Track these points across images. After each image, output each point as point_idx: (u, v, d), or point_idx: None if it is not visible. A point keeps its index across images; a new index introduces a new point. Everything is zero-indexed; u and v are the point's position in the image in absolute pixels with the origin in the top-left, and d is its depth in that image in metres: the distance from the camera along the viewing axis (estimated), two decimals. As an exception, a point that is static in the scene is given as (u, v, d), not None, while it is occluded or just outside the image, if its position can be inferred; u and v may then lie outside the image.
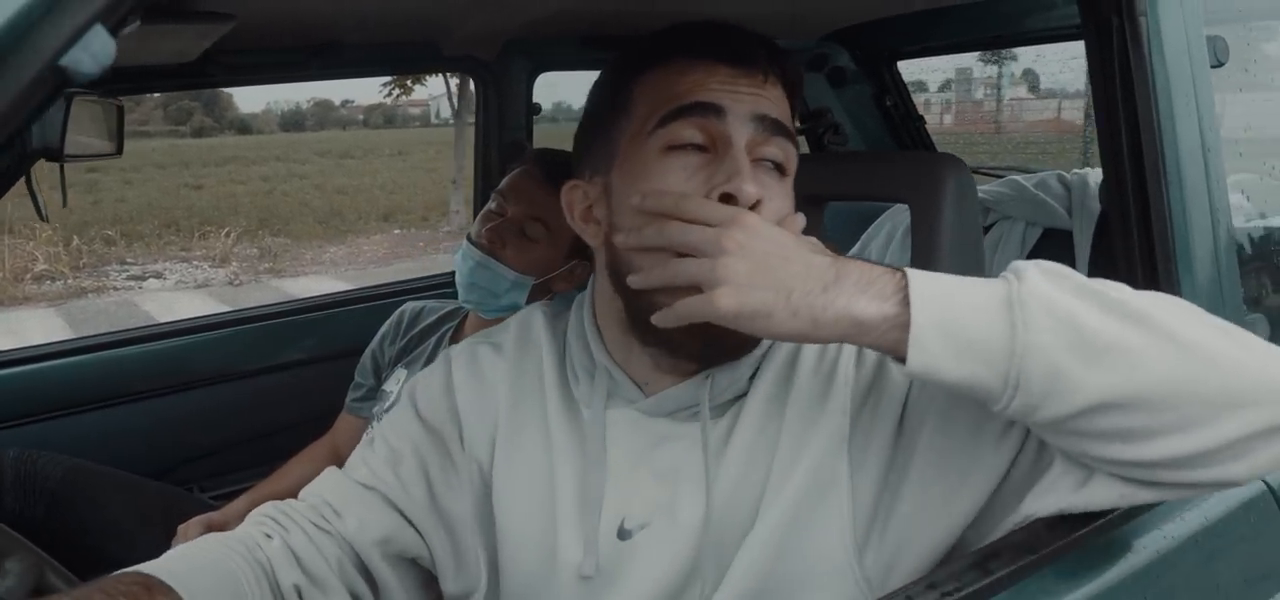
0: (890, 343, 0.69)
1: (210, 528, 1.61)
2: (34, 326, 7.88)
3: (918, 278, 0.69)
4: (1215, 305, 0.90)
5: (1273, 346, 0.71)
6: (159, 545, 1.60)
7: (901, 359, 0.68)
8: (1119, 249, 0.92)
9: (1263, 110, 1.08)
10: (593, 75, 0.96)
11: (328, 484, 0.94)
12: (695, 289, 0.73)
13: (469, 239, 1.65)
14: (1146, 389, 0.66)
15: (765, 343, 0.87)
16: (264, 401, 1.99)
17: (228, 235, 12.09)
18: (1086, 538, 0.72)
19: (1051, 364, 0.66)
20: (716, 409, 0.86)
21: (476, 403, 0.93)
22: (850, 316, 0.69)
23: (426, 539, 0.92)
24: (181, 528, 1.62)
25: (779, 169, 0.85)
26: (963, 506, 0.76)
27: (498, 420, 0.92)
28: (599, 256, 0.91)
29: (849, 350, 0.86)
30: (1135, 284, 0.89)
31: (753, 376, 0.87)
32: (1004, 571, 0.67)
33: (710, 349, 0.83)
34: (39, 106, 0.42)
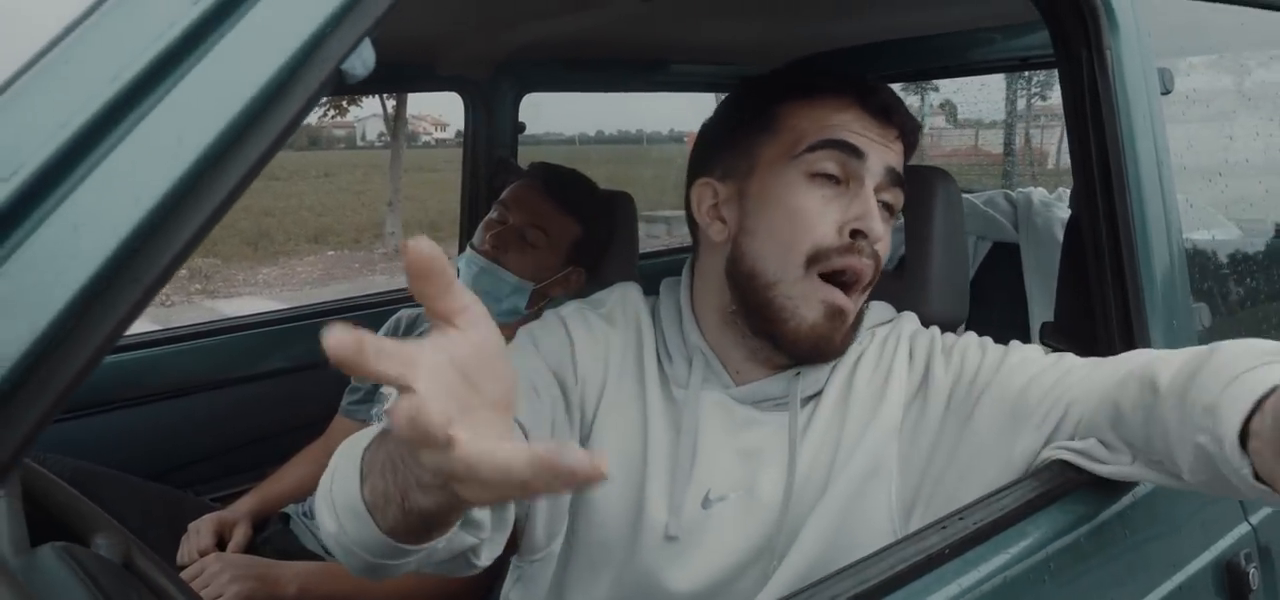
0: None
1: (220, 525, 1.67)
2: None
3: None
4: (1170, 296, 1.05)
5: None
6: (164, 545, 1.66)
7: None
8: (1089, 251, 1.07)
9: (1195, 140, 1.25)
10: (572, 97, 1.10)
11: None
12: None
13: (472, 246, 1.74)
14: None
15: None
16: (261, 406, 2.03)
17: (154, 256, 11.76)
18: (1084, 480, 0.86)
19: None
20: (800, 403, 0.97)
21: (590, 361, 1.00)
22: None
23: None
24: (192, 526, 1.67)
25: (890, 210, 0.99)
26: (1006, 478, 0.87)
27: (605, 382, 1.01)
28: (717, 250, 1.01)
29: (902, 355, 0.99)
30: (1104, 280, 1.05)
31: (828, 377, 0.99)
32: (1017, 504, 0.80)
33: (816, 353, 0.96)
34: (319, 101, 0.52)
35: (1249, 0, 1.26)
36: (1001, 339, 1.01)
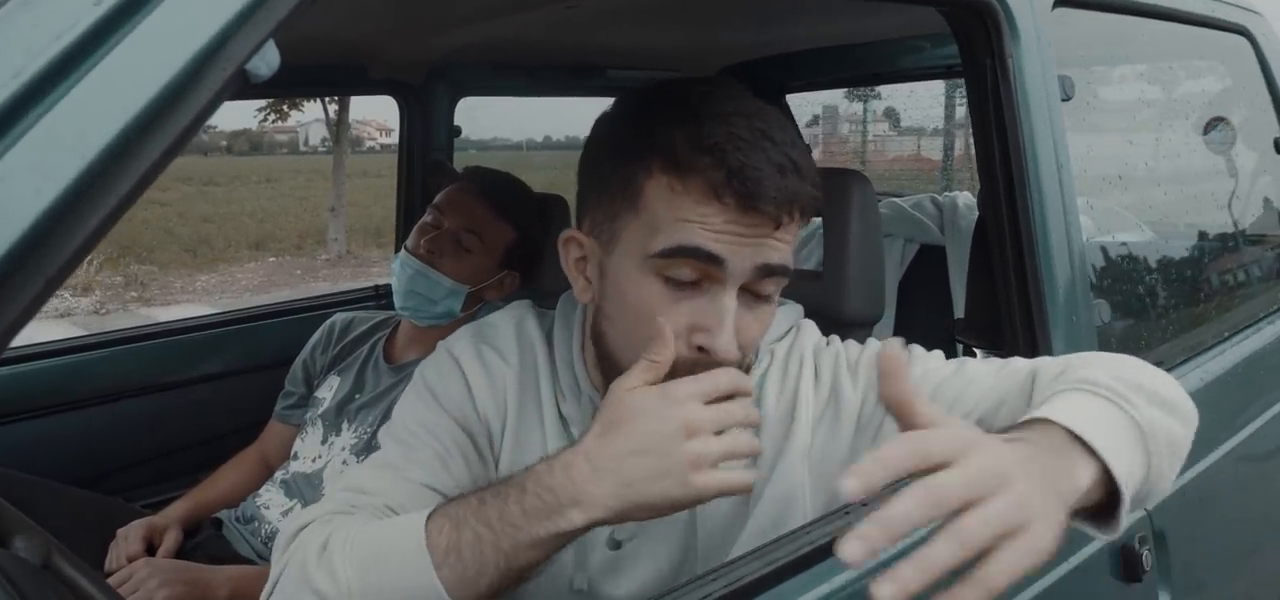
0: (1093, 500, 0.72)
1: (150, 531, 1.65)
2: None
3: (1090, 434, 0.71)
4: (1069, 293, 1.11)
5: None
6: (94, 552, 1.64)
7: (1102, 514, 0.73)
8: (994, 249, 1.12)
9: (1096, 145, 1.31)
10: (509, 102, 1.05)
11: (387, 484, 0.92)
12: None
13: (407, 249, 1.75)
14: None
15: None
16: (194, 411, 2.01)
17: (89, 263, 11.51)
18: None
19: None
20: None
21: (490, 403, 0.98)
22: (1081, 491, 0.69)
23: None
24: (120, 532, 1.65)
25: (765, 297, 0.88)
26: None
27: (505, 424, 0.98)
28: (586, 309, 0.97)
29: (808, 375, 0.97)
30: (1007, 278, 1.10)
31: None
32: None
33: None
34: (223, 101, 0.54)
35: (1147, 12, 1.33)
36: (926, 336, 1.04)
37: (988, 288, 1.15)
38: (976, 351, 1.18)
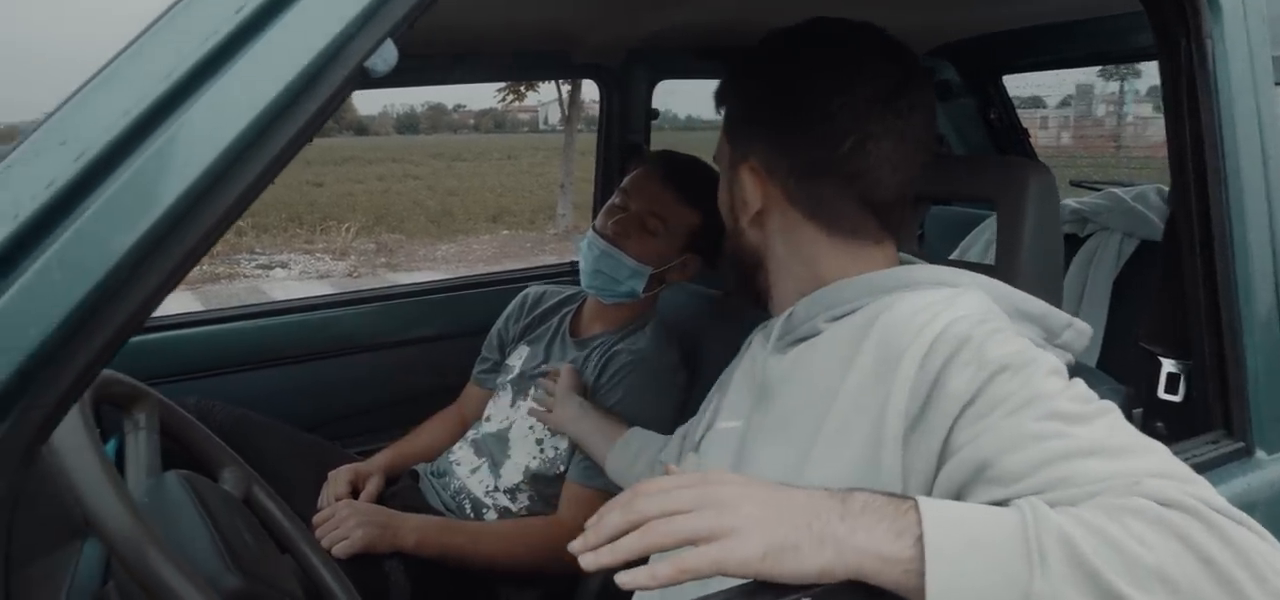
0: (905, 586, 0.67)
1: (356, 476, 1.83)
2: (174, 308, 8.44)
3: (931, 522, 0.67)
4: (1270, 302, 0.99)
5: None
6: (311, 487, 1.83)
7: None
8: (1183, 248, 1.02)
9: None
10: (707, 84, 1.12)
11: None
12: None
13: (594, 229, 1.82)
14: None
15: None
16: (402, 370, 2.20)
17: (347, 230, 12.71)
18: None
19: None
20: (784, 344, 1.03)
21: None
22: (874, 552, 0.67)
23: None
24: (331, 474, 1.84)
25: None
26: None
27: None
28: None
29: (914, 353, 0.84)
30: (1195, 280, 1.00)
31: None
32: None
33: None
34: (345, 97, 0.59)
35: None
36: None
37: (1177, 291, 1.05)
38: (1161, 359, 1.08)
